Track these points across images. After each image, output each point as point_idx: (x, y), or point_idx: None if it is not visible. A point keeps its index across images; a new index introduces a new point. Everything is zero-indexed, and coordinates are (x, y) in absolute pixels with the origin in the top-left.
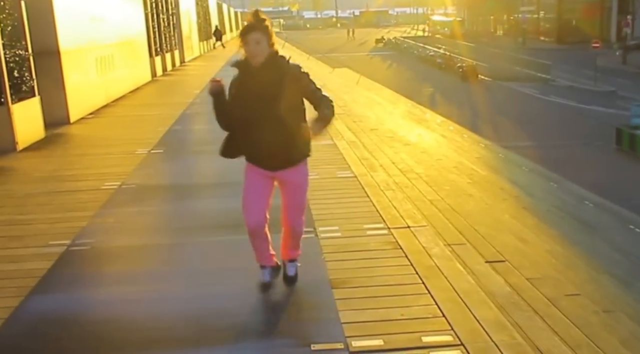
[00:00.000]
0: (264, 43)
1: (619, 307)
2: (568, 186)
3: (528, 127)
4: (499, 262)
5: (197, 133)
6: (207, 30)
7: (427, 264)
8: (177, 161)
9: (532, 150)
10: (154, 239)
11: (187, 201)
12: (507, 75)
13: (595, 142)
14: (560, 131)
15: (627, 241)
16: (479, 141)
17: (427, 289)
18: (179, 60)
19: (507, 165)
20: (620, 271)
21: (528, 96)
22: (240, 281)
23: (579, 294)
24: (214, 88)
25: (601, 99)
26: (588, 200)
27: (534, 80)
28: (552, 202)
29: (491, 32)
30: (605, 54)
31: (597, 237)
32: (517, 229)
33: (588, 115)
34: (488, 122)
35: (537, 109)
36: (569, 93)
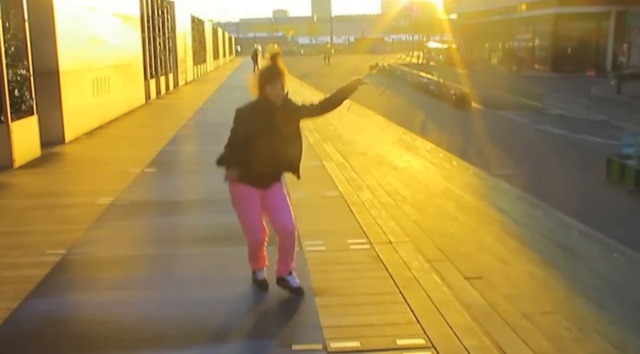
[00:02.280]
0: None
1: (592, 326)
2: (554, 214)
3: (518, 156)
4: (477, 278)
5: (189, 153)
6: (202, 54)
7: (405, 276)
8: (169, 179)
9: (522, 178)
10: (145, 250)
11: (178, 216)
12: (499, 103)
13: (585, 171)
14: (550, 160)
15: (609, 268)
16: (468, 168)
17: (404, 298)
18: (173, 84)
19: (495, 192)
20: (598, 295)
21: (520, 124)
22: (227, 288)
23: (554, 312)
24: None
25: (593, 128)
26: (574, 228)
27: (526, 109)
28: (536, 229)
29: (486, 59)
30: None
31: (579, 263)
32: (499, 251)
33: (579, 144)
34: (478, 150)
35: (528, 137)
36: (561, 122)
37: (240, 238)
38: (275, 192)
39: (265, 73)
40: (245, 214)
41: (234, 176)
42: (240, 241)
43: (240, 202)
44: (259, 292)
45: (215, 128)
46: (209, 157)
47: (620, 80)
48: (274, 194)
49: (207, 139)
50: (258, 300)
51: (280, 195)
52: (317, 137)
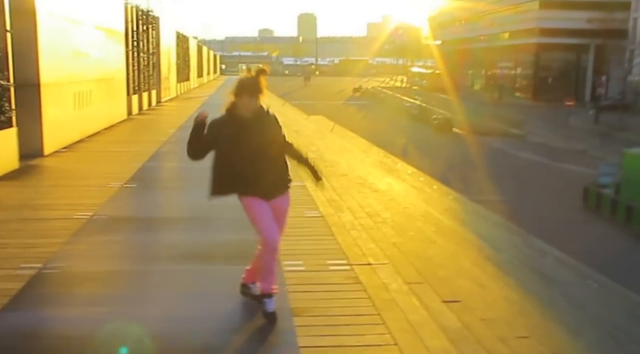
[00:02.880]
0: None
1: (566, 351)
2: (532, 241)
3: (498, 182)
4: (454, 302)
5: (170, 170)
6: (186, 72)
7: (384, 298)
8: (149, 195)
9: (501, 204)
10: (123, 266)
11: (157, 232)
12: (481, 129)
13: (563, 199)
14: (529, 187)
15: (583, 295)
16: (449, 192)
17: (383, 320)
18: (155, 100)
19: (474, 217)
20: (572, 321)
21: (500, 151)
22: (206, 306)
23: (529, 336)
24: (201, 118)
25: (572, 157)
26: (550, 254)
27: (507, 136)
28: (514, 254)
29: (469, 86)
30: (578, 113)
31: (554, 289)
32: (476, 275)
33: (558, 172)
34: (459, 175)
35: (508, 164)
36: (541, 150)
37: (220, 256)
38: (276, 204)
39: (243, 83)
40: (256, 216)
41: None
42: (220, 259)
43: (250, 208)
44: (238, 310)
45: None
46: (190, 175)
47: (598, 111)
48: (275, 205)
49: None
50: (236, 319)
51: (280, 208)
52: None
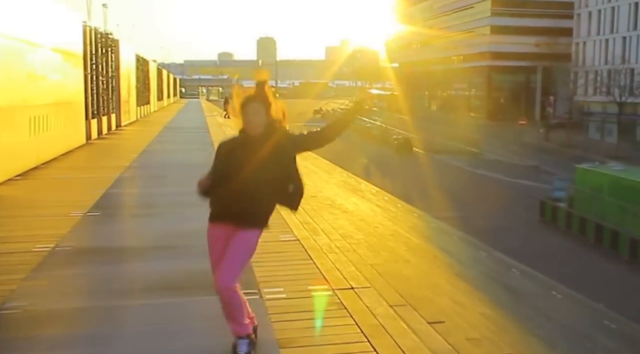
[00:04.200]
0: (262, 113)
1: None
2: (496, 255)
3: (458, 198)
4: (438, 323)
5: (135, 196)
6: (146, 95)
7: (371, 323)
8: (115, 224)
9: (462, 220)
10: (92, 302)
11: (126, 263)
12: (439, 148)
13: (520, 213)
14: (487, 203)
15: (549, 306)
16: (412, 211)
17: (373, 348)
18: (115, 124)
19: (439, 234)
20: (544, 333)
21: (458, 169)
22: (182, 343)
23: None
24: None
25: (525, 173)
26: (514, 268)
27: (464, 154)
28: (481, 269)
29: (426, 106)
30: (530, 131)
31: (523, 302)
32: (452, 293)
33: (513, 187)
34: (421, 193)
35: (466, 181)
36: (496, 166)
37: (196, 287)
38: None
39: (241, 100)
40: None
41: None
42: (196, 290)
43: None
44: (219, 346)
45: (161, 170)
46: (156, 201)
47: (548, 129)
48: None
49: (153, 181)
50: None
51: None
52: None
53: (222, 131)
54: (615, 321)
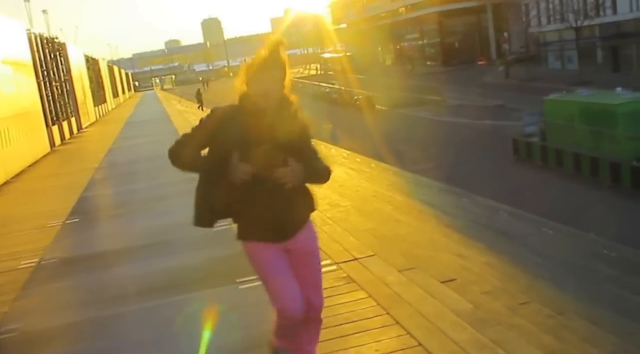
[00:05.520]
0: (280, 82)
1: (566, 308)
2: (479, 200)
3: (428, 149)
4: (450, 281)
5: (110, 197)
6: (101, 94)
7: (386, 293)
8: (96, 228)
9: (437, 170)
10: (87, 314)
11: (115, 268)
12: (401, 102)
13: (493, 154)
14: (459, 149)
15: (544, 244)
16: (387, 168)
17: (395, 319)
18: (76, 128)
19: (419, 188)
20: (548, 273)
21: (424, 120)
22: (187, 345)
23: (529, 301)
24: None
25: (492, 114)
26: (500, 210)
27: (427, 104)
28: (469, 217)
29: (381, 62)
30: (489, 71)
31: (517, 244)
32: (451, 246)
33: (482, 130)
34: (391, 150)
35: (434, 130)
36: (461, 111)
37: (193, 281)
38: (297, 244)
39: (252, 61)
40: (271, 277)
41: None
42: (194, 285)
43: (256, 260)
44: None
45: (132, 166)
46: (131, 198)
47: (507, 66)
48: (296, 246)
49: (125, 179)
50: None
51: (302, 250)
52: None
53: (184, 118)
54: (612, 248)
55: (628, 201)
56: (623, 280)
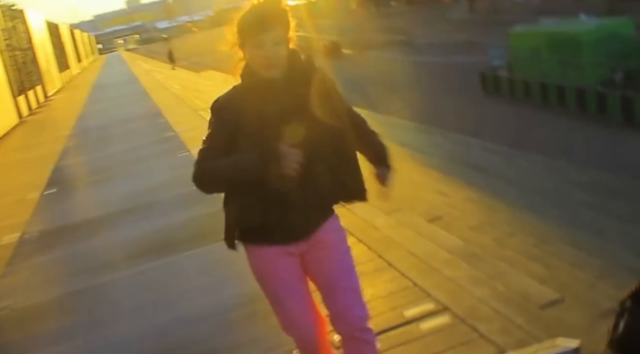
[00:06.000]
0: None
1: (549, 235)
2: (452, 137)
3: (398, 90)
4: (437, 219)
5: (87, 164)
6: (65, 60)
7: (376, 238)
8: (76, 197)
9: (409, 110)
10: (77, 284)
11: (100, 235)
12: (367, 44)
13: (462, 90)
14: (428, 87)
15: (519, 175)
16: (359, 112)
17: (388, 262)
18: (42, 96)
19: (392, 129)
20: (528, 203)
21: (391, 60)
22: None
23: (514, 232)
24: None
25: (459, 50)
26: (473, 145)
27: (393, 44)
28: (444, 154)
29: (345, 6)
30: (453, 7)
31: (494, 176)
32: (431, 185)
33: (450, 67)
34: (361, 94)
35: (402, 71)
36: (428, 50)
37: (183, 240)
38: (323, 247)
39: (244, 18)
40: (280, 297)
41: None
42: (184, 244)
43: (267, 281)
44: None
45: (105, 130)
46: (108, 163)
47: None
48: (322, 249)
49: (100, 143)
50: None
51: (334, 251)
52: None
53: (152, 77)
54: (583, 173)
55: (595, 126)
56: (598, 204)
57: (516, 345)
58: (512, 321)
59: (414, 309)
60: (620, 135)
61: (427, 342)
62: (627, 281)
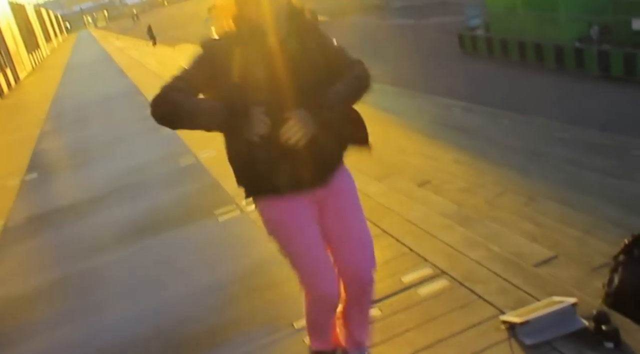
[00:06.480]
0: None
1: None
2: (433, 99)
3: (378, 54)
4: (426, 183)
5: (66, 147)
6: (34, 41)
7: (370, 205)
8: (57, 181)
9: (389, 74)
10: (67, 269)
11: (86, 219)
12: (344, 9)
13: (440, 51)
14: (407, 50)
15: (501, 134)
16: None
17: (383, 229)
18: (13, 79)
19: (374, 95)
20: (509, 161)
21: (369, 24)
22: (181, 285)
23: (503, 191)
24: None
25: (436, 11)
26: (455, 107)
27: (370, 8)
28: (426, 117)
29: None
30: None
31: (477, 137)
32: (417, 148)
33: (429, 28)
34: None
35: (381, 34)
36: (405, 12)
37: (171, 219)
38: (337, 201)
39: None
40: (295, 248)
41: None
42: (173, 223)
43: (281, 227)
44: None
45: (82, 112)
46: (88, 145)
47: None
48: (337, 203)
49: (77, 126)
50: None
51: (344, 207)
52: None
53: (127, 54)
54: (564, 129)
55: (573, 81)
56: (579, 159)
57: (514, 305)
58: (509, 282)
59: (412, 275)
60: (597, 89)
61: (427, 306)
62: (615, 235)
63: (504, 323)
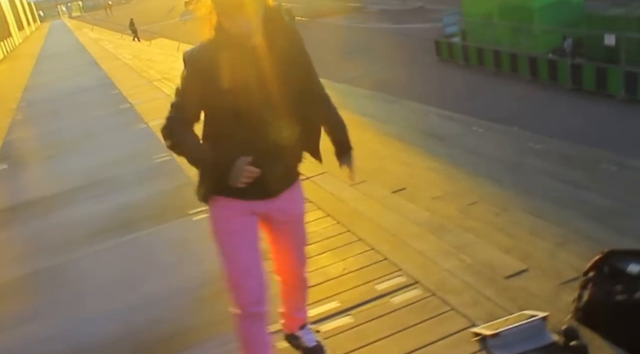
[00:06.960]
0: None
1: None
2: (409, 105)
3: (354, 57)
4: (401, 190)
5: (37, 139)
6: (5, 28)
7: (344, 211)
8: (28, 173)
9: (365, 78)
10: (38, 264)
11: (56, 213)
12: (321, 11)
13: (417, 57)
14: (384, 54)
15: (476, 143)
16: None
17: (358, 236)
18: None
19: (349, 98)
20: (483, 170)
21: (346, 28)
22: (148, 284)
23: (476, 201)
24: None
25: (413, 17)
26: (431, 113)
27: (347, 11)
28: (402, 123)
29: None
30: None
31: (452, 145)
32: (392, 154)
33: (405, 34)
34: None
35: (358, 38)
36: (383, 17)
37: (146, 216)
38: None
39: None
40: (229, 253)
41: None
42: (145, 221)
43: (222, 233)
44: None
45: (54, 103)
46: (60, 137)
47: None
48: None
49: (49, 117)
50: (196, 291)
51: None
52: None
53: (101, 46)
54: (537, 140)
55: (546, 93)
56: (552, 170)
57: (486, 317)
58: (482, 293)
59: (386, 283)
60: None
61: (400, 316)
62: (586, 249)
63: (475, 335)
